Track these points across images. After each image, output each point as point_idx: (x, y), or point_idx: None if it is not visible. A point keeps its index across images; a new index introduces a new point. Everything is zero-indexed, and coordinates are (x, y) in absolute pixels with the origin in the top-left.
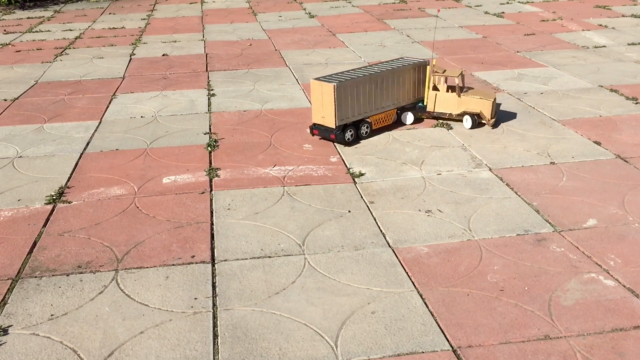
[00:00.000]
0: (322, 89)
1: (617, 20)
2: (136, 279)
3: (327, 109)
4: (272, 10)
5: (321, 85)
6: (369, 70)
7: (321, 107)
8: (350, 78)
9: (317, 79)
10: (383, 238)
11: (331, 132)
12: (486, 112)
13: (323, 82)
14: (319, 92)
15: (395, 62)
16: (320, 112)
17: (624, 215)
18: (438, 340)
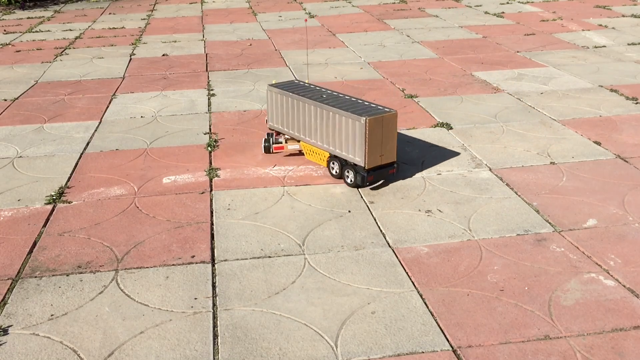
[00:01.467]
0: (384, 123)
1: (617, 20)
2: (136, 279)
3: (389, 143)
4: (272, 10)
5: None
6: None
7: (380, 144)
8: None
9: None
10: (383, 238)
11: (391, 167)
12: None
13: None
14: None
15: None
16: (379, 150)
17: (624, 215)
18: (438, 340)
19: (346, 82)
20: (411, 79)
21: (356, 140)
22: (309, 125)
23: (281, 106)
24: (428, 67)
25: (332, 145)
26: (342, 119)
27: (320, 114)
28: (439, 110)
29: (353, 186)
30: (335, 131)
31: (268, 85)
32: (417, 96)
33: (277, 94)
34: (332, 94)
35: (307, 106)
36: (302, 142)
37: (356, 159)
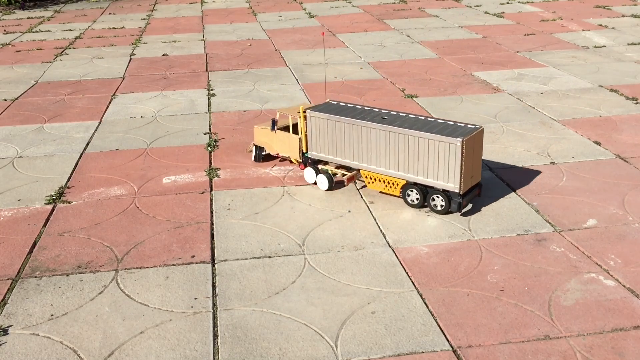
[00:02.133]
0: (475, 141)
1: (617, 20)
2: (136, 279)
3: (477, 162)
4: (272, 10)
5: (474, 138)
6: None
7: (471, 165)
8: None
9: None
10: (383, 238)
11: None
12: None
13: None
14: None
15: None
16: (470, 172)
17: (624, 215)
18: (438, 340)
19: (346, 82)
20: (411, 79)
21: (449, 163)
22: (374, 151)
23: (329, 132)
24: (428, 67)
25: (410, 171)
26: (428, 142)
27: (394, 138)
28: (439, 110)
29: (443, 213)
30: (416, 156)
31: (308, 110)
32: (417, 96)
33: (324, 119)
34: (390, 113)
35: (371, 130)
36: (363, 171)
37: (448, 185)
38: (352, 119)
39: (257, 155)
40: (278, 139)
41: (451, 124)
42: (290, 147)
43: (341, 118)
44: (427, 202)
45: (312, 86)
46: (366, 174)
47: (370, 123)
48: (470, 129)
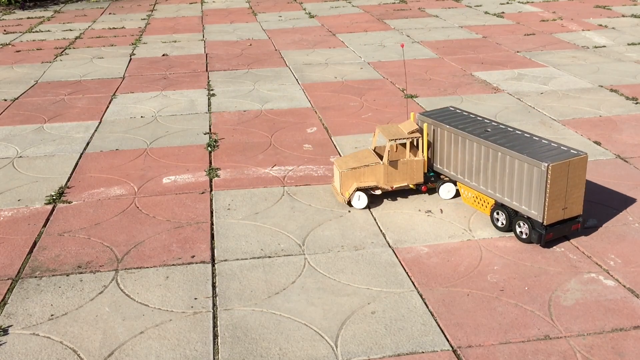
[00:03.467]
0: (570, 169)
1: (617, 20)
2: (136, 279)
3: (575, 193)
4: (272, 10)
5: (567, 165)
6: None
7: (564, 195)
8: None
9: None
10: (383, 238)
11: (574, 221)
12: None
13: (570, 158)
14: (562, 176)
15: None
16: (561, 202)
17: (624, 215)
18: (438, 340)
19: (346, 82)
20: (411, 79)
21: (532, 189)
22: (469, 165)
23: (438, 139)
24: (428, 67)
25: (499, 191)
26: (516, 162)
27: (486, 153)
28: None
29: (527, 242)
30: (505, 175)
31: (419, 115)
32: (417, 96)
33: (431, 125)
34: (498, 127)
35: (468, 142)
36: (460, 184)
37: (531, 212)
38: (453, 129)
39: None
40: (396, 170)
41: (555, 146)
42: (415, 171)
43: (444, 126)
44: (512, 227)
45: (312, 86)
46: (464, 188)
47: (470, 135)
48: (569, 154)
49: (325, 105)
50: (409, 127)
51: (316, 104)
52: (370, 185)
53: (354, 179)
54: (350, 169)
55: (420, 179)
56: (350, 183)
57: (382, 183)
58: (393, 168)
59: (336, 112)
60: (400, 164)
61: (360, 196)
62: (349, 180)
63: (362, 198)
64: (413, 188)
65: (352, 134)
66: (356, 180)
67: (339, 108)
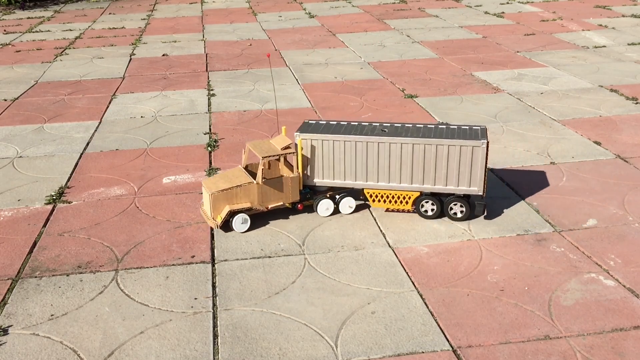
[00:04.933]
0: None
1: (617, 20)
2: (136, 279)
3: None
4: (272, 10)
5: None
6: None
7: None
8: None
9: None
10: (383, 238)
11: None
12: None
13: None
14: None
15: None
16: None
17: (624, 215)
18: (438, 340)
19: (346, 82)
20: (411, 79)
21: (472, 167)
22: (381, 167)
23: (326, 155)
24: (428, 67)
25: (427, 181)
26: (448, 149)
27: (407, 149)
28: (439, 110)
29: (464, 219)
30: (434, 164)
31: (299, 134)
32: (417, 96)
33: (318, 140)
34: (385, 125)
35: (379, 145)
36: (367, 190)
37: (471, 189)
38: (355, 136)
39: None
40: (270, 189)
41: (465, 127)
42: (290, 189)
43: (346, 137)
44: (444, 211)
45: (312, 86)
46: (371, 193)
47: (378, 137)
48: (476, 130)
49: (325, 105)
50: (282, 143)
51: (316, 104)
52: (243, 207)
53: (226, 201)
54: (221, 191)
55: (296, 197)
56: (221, 206)
57: (257, 204)
58: (268, 187)
59: (336, 112)
60: (275, 182)
61: (244, 219)
62: (220, 203)
63: (245, 221)
64: (289, 207)
65: None
66: (228, 203)
67: (339, 108)
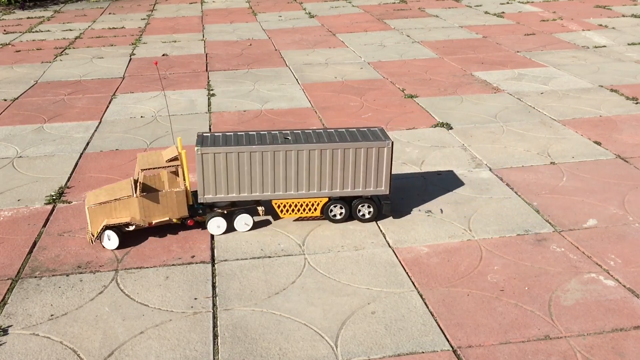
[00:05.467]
0: None
1: (617, 20)
2: (136, 279)
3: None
4: (272, 10)
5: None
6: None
7: None
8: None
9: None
10: (383, 238)
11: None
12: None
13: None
14: None
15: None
16: None
17: (624, 215)
18: (438, 340)
19: (346, 82)
20: (411, 79)
21: (378, 168)
22: (289, 176)
23: (228, 168)
24: (428, 67)
25: (335, 186)
26: (355, 151)
27: (314, 156)
28: (439, 110)
29: (372, 220)
30: (342, 168)
31: (201, 149)
32: (417, 96)
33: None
34: (290, 133)
35: (285, 154)
36: (275, 201)
37: (379, 189)
38: (260, 146)
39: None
40: (152, 204)
41: (354, 130)
42: (176, 204)
43: (248, 148)
44: (352, 213)
45: (312, 86)
46: (279, 203)
47: (285, 146)
48: (381, 132)
49: (325, 105)
50: (170, 155)
51: (316, 104)
52: (122, 222)
53: (104, 215)
54: (99, 204)
55: (184, 212)
56: (100, 220)
57: (139, 219)
58: (150, 201)
59: (336, 112)
60: (158, 196)
61: (110, 236)
62: (98, 216)
63: (112, 238)
64: (178, 223)
65: None
66: (107, 217)
67: (339, 108)
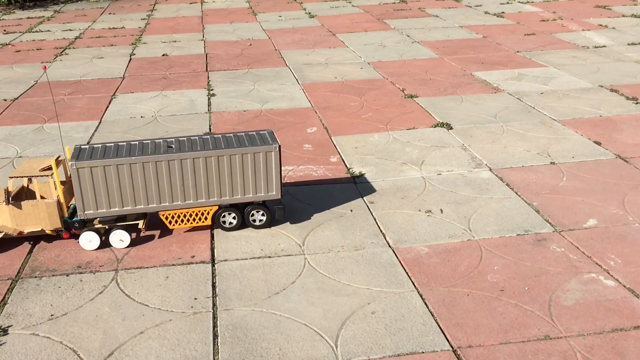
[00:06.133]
0: None
1: (617, 20)
2: (136, 279)
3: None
4: (272, 10)
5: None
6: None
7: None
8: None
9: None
10: (383, 238)
11: None
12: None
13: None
14: None
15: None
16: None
17: (624, 215)
18: (438, 340)
19: (346, 82)
20: (411, 79)
21: (267, 172)
22: (174, 186)
23: (107, 181)
24: (428, 67)
25: (225, 194)
26: (242, 157)
27: (200, 164)
28: (439, 110)
29: (266, 226)
30: (230, 175)
31: (76, 163)
32: (417, 96)
33: (103, 166)
34: (174, 141)
35: (169, 163)
36: (162, 212)
37: (270, 194)
38: (141, 157)
39: None
40: (23, 213)
41: (242, 134)
42: (47, 215)
43: (127, 159)
44: (245, 220)
45: (312, 86)
46: (167, 215)
47: (167, 155)
48: (269, 135)
49: (325, 105)
50: (45, 164)
51: (316, 104)
52: None
53: None
54: None
55: (56, 224)
56: None
57: (9, 227)
58: (20, 210)
59: (336, 112)
60: (27, 205)
61: None
62: None
63: None
64: (52, 234)
65: (352, 134)
66: None
67: (339, 108)
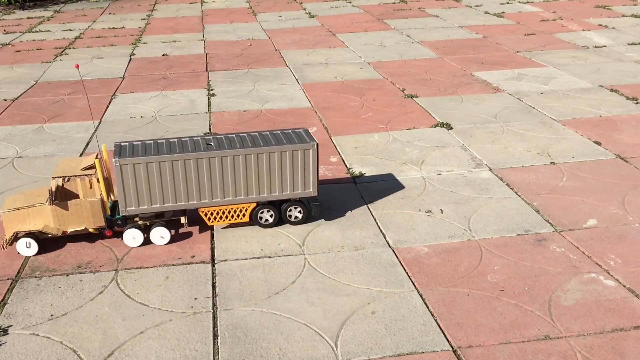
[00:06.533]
0: None
1: (617, 20)
2: (136, 279)
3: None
4: (272, 10)
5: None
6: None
7: None
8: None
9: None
10: (383, 238)
11: None
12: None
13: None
14: None
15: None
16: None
17: (624, 215)
18: (438, 340)
19: (346, 82)
20: (411, 79)
21: (305, 170)
22: (215, 184)
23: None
24: (428, 67)
25: (262, 191)
26: (281, 155)
27: (240, 161)
28: (439, 110)
29: (302, 223)
30: (269, 172)
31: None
32: (417, 96)
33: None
34: (212, 138)
35: (210, 161)
36: (202, 209)
37: (307, 191)
38: (183, 154)
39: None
40: (66, 212)
41: (279, 132)
42: (91, 214)
43: (169, 156)
44: (282, 217)
45: (312, 86)
46: (205, 211)
47: (208, 153)
48: (305, 133)
49: (325, 105)
50: (87, 163)
51: (316, 104)
52: (35, 229)
53: (18, 221)
54: (13, 210)
55: (100, 222)
56: (14, 226)
57: (53, 227)
58: (64, 210)
59: (336, 112)
60: (71, 205)
61: (30, 243)
62: (11, 223)
63: (32, 245)
64: (95, 232)
65: (352, 134)
66: (20, 223)
67: (339, 108)
